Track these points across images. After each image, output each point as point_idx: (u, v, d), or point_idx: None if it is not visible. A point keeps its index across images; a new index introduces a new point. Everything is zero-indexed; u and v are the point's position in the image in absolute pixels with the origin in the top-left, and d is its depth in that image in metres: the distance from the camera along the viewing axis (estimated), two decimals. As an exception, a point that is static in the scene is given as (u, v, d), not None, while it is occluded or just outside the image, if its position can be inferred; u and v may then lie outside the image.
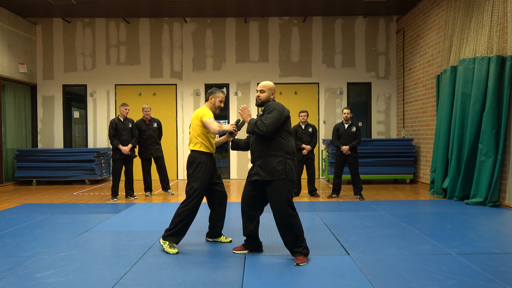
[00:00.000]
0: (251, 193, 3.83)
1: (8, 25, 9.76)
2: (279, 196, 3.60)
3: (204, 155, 4.11)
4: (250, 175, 3.83)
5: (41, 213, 6.09)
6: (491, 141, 6.39)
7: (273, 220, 3.99)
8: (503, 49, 6.39)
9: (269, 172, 3.61)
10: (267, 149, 3.65)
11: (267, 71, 10.76)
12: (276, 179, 3.60)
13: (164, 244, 4.04)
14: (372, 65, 10.83)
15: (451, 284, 3.14)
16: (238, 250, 4.03)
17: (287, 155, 3.65)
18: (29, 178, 9.68)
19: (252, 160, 3.79)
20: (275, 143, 3.64)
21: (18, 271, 3.52)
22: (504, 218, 5.54)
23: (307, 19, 10.76)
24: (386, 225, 5.15)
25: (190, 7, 9.87)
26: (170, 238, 4.04)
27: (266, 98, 3.82)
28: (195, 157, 4.10)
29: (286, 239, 3.70)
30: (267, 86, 3.84)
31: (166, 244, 4.03)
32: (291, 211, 3.63)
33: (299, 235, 3.67)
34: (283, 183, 3.60)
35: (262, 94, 3.82)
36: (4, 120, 9.77)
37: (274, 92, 3.88)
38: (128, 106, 7.41)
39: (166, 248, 4.01)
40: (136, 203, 6.92)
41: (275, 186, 3.61)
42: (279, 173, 3.59)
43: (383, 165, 9.34)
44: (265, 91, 3.83)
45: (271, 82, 3.89)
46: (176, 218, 4.04)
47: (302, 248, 3.68)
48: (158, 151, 7.82)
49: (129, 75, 10.79)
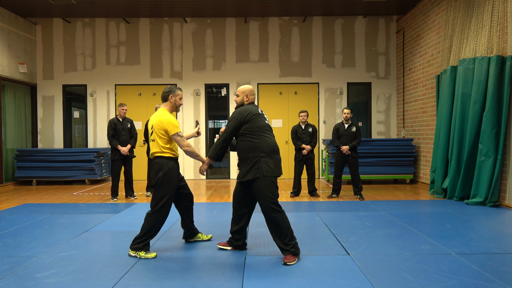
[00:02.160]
0: (239, 192, 3.98)
1: (8, 25, 9.76)
2: (261, 194, 3.71)
3: (172, 160, 4.01)
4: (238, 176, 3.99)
5: (41, 213, 6.09)
6: (491, 141, 6.39)
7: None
8: (503, 49, 6.39)
9: (247, 173, 3.77)
10: (243, 152, 3.83)
11: (267, 71, 10.76)
12: (253, 178, 3.73)
13: (137, 253, 3.90)
14: (372, 65, 10.83)
15: (451, 284, 3.14)
16: (222, 246, 4.16)
17: (263, 153, 3.75)
18: (29, 178, 9.68)
19: (239, 164, 3.96)
20: (249, 144, 3.79)
21: (18, 271, 3.52)
22: (504, 218, 5.54)
23: (307, 19, 10.76)
24: (386, 225, 5.15)
25: (190, 7, 9.87)
26: (144, 246, 3.92)
27: (240, 101, 4.04)
28: (163, 164, 3.96)
29: (274, 237, 3.79)
30: (241, 90, 4.04)
31: (142, 253, 3.89)
32: (275, 207, 3.70)
33: (286, 233, 3.71)
34: (262, 182, 3.71)
35: (237, 98, 4.06)
36: (4, 120, 9.77)
37: (250, 95, 4.02)
38: (125, 106, 7.39)
39: (144, 255, 3.88)
40: (136, 203, 6.92)
41: (255, 185, 3.74)
42: (255, 172, 3.73)
43: (383, 165, 9.34)
44: (239, 95, 4.05)
45: (249, 86, 4.07)
46: (148, 224, 3.91)
47: (290, 247, 3.70)
48: None
49: (129, 75, 10.79)
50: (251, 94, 4.01)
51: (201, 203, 6.84)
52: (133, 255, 3.92)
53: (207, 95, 10.84)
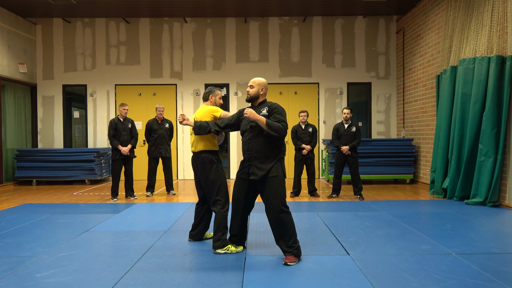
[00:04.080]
0: (243, 191, 3.87)
1: (8, 25, 9.76)
2: (274, 193, 3.65)
3: (216, 154, 4.19)
4: (244, 173, 3.83)
5: (41, 213, 6.09)
6: (491, 141, 6.39)
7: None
8: (503, 49, 6.39)
9: (269, 171, 3.68)
10: (267, 149, 3.71)
11: (267, 71, 10.76)
12: (271, 176, 3.67)
13: (224, 249, 3.98)
14: (372, 65, 10.83)
15: (451, 284, 3.14)
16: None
17: (283, 154, 3.80)
18: (29, 178, 9.68)
19: (248, 159, 3.78)
20: (275, 144, 3.74)
21: (18, 271, 3.52)
22: (504, 218, 5.54)
23: (307, 19, 10.76)
24: (386, 225, 5.15)
25: (190, 7, 9.87)
26: (226, 241, 4.01)
27: (255, 94, 3.84)
28: (209, 158, 4.10)
29: (278, 239, 3.73)
30: (257, 82, 3.85)
31: (229, 246, 3.98)
32: (284, 208, 3.68)
33: (291, 235, 3.69)
34: (278, 181, 3.68)
35: (252, 90, 3.85)
36: (4, 120, 9.77)
37: (265, 89, 3.86)
38: (126, 106, 7.40)
39: (233, 250, 3.98)
40: (136, 203, 6.92)
41: (271, 183, 3.67)
42: (274, 171, 3.68)
43: (383, 165, 9.34)
44: (254, 86, 3.84)
45: (263, 79, 3.91)
46: (222, 221, 4.01)
47: (293, 249, 3.68)
48: (167, 152, 7.84)
49: (129, 75, 10.79)
50: (266, 88, 3.88)
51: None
52: (222, 252, 3.97)
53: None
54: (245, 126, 3.84)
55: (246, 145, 3.80)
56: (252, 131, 3.75)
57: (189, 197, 7.65)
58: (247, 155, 3.78)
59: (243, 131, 3.88)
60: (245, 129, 3.84)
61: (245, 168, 3.82)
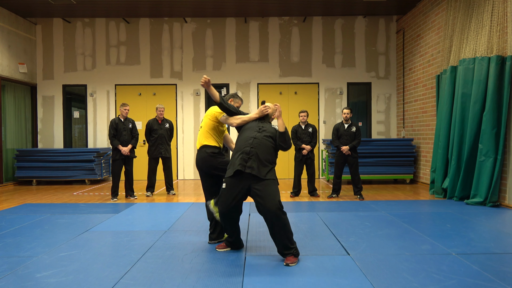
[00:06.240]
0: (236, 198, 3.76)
1: (8, 25, 9.77)
2: (274, 195, 3.64)
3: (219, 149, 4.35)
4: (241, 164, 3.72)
5: (41, 213, 6.09)
6: (491, 141, 6.39)
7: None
8: (503, 49, 6.39)
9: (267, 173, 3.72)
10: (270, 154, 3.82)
11: (267, 71, 10.76)
12: (268, 178, 3.70)
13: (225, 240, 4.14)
14: (372, 65, 10.83)
15: (451, 284, 3.14)
16: (221, 248, 4.11)
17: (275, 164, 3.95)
18: (29, 178, 9.68)
19: (248, 152, 3.74)
20: (276, 152, 3.93)
21: (18, 271, 3.52)
22: (504, 218, 5.54)
23: (307, 19, 10.76)
24: (386, 225, 5.15)
25: (190, 7, 9.87)
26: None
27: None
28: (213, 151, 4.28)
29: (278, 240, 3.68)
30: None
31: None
32: (282, 209, 3.68)
33: (290, 236, 3.69)
34: (275, 184, 3.74)
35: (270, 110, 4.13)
36: (4, 120, 9.77)
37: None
38: (127, 106, 7.41)
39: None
40: (136, 203, 6.92)
41: (270, 186, 3.67)
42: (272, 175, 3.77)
43: (383, 165, 9.34)
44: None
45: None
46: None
47: (293, 250, 3.69)
48: (167, 152, 7.85)
49: (129, 75, 10.80)
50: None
51: (201, 203, 6.84)
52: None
53: (207, 95, 10.83)
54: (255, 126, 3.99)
55: (251, 140, 3.81)
56: (261, 132, 3.89)
57: (189, 197, 7.65)
58: (249, 148, 3.76)
59: (249, 127, 3.98)
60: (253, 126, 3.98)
61: (242, 160, 3.74)
